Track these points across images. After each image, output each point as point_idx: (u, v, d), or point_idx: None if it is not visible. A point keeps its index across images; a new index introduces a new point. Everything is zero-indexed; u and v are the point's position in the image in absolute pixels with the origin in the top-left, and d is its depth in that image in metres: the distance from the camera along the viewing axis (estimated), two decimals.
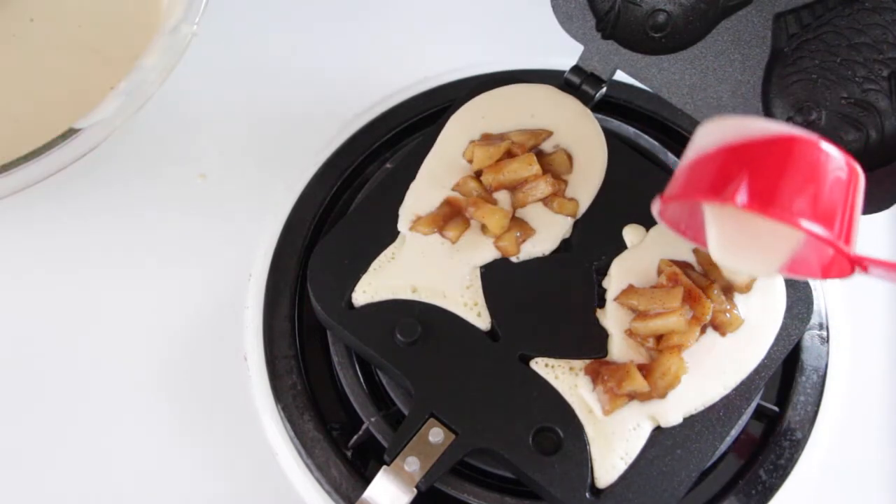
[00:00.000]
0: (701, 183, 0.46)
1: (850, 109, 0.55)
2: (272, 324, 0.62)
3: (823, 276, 0.50)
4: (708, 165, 0.45)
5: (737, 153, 0.45)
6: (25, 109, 0.66)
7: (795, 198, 0.44)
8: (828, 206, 0.44)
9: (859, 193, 0.46)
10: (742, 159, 0.44)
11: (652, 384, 0.53)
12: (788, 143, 0.44)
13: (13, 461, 0.60)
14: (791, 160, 0.44)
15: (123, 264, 0.66)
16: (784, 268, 0.49)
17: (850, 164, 0.45)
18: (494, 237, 0.57)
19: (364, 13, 0.76)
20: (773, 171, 0.44)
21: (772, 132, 0.45)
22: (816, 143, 0.44)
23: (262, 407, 0.60)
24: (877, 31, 0.53)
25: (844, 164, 0.45)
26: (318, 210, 0.65)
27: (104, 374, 0.62)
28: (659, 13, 0.59)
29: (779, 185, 0.44)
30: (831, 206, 0.44)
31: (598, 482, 0.52)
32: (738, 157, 0.45)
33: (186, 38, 0.63)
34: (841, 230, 0.44)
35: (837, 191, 0.44)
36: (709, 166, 0.45)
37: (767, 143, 0.44)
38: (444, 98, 0.68)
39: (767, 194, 0.43)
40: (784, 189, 0.44)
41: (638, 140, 0.66)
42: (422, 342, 0.55)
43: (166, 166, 0.69)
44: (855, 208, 0.45)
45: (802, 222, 0.43)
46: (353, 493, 0.57)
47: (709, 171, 0.45)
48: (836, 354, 0.62)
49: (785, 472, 0.58)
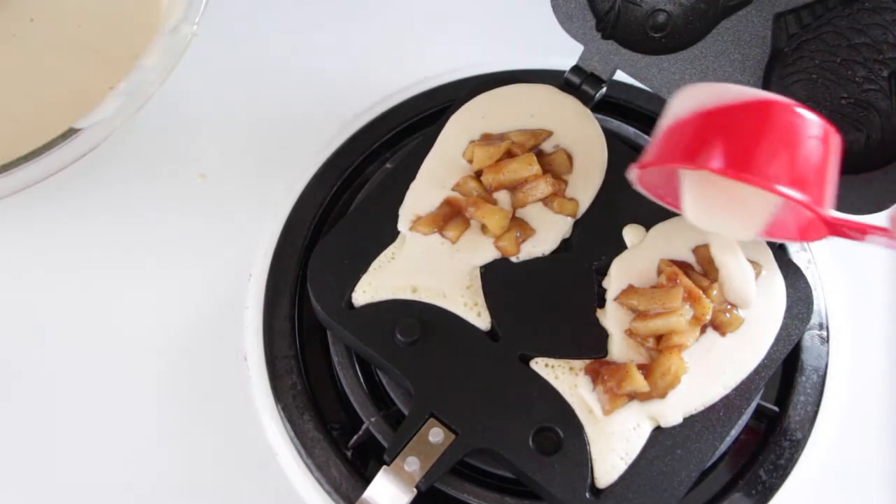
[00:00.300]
0: (676, 149, 0.45)
1: (850, 109, 0.55)
2: (272, 324, 0.62)
3: (801, 238, 0.50)
4: (683, 131, 0.45)
5: (712, 118, 0.45)
6: (25, 109, 0.66)
7: (771, 162, 0.44)
8: (804, 170, 0.44)
9: (835, 156, 0.45)
10: (717, 124, 0.44)
11: (652, 384, 0.53)
12: (764, 107, 0.44)
13: (13, 461, 0.60)
14: (766, 124, 0.44)
15: (123, 264, 0.66)
16: (762, 230, 0.49)
17: (825, 127, 0.45)
18: (494, 237, 0.57)
19: (364, 13, 0.76)
20: (748, 136, 0.44)
21: (747, 97, 0.44)
22: (791, 106, 0.44)
23: (262, 407, 0.60)
24: (877, 31, 0.53)
25: (820, 126, 0.44)
26: (318, 210, 0.65)
27: (104, 373, 0.62)
28: (659, 13, 0.59)
29: (754, 149, 0.44)
30: (807, 170, 0.44)
31: (598, 482, 0.52)
32: (713, 123, 0.45)
33: (186, 38, 0.63)
34: (817, 193, 0.44)
35: (813, 154, 0.44)
36: (684, 132, 0.45)
37: (743, 108, 0.44)
38: (444, 98, 0.69)
39: (743, 159, 0.43)
40: (760, 153, 0.44)
41: (638, 140, 0.66)
42: (422, 342, 0.55)
43: (166, 166, 0.69)
44: (829, 170, 0.45)
45: (778, 187, 0.43)
46: (353, 493, 0.57)
47: (684, 136, 0.45)
48: (836, 354, 0.62)
49: (785, 472, 0.58)
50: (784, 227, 0.50)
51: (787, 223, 0.50)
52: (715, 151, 0.44)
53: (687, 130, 0.45)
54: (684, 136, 0.45)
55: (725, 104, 0.45)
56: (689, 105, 0.46)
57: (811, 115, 0.44)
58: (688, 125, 0.45)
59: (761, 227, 0.49)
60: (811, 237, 0.49)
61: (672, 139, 0.46)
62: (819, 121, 0.44)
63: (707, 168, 0.44)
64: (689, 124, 0.45)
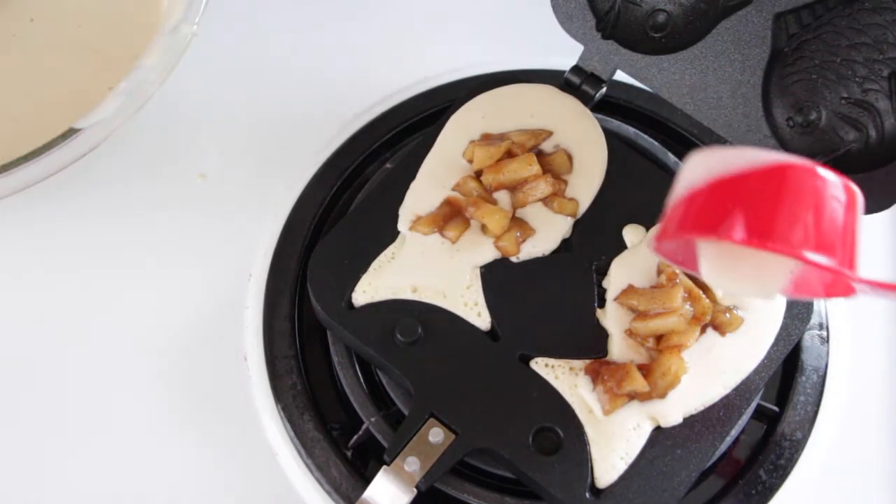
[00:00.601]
0: (696, 220, 0.44)
1: (850, 109, 0.55)
2: (272, 324, 0.62)
3: (827, 295, 0.49)
4: (700, 201, 0.44)
5: (728, 186, 0.43)
6: (25, 109, 0.66)
7: (793, 228, 0.42)
8: (828, 233, 0.43)
9: (859, 214, 0.44)
10: (734, 193, 0.43)
11: (652, 384, 0.53)
12: (781, 172, 0.43)
13: (13, 461, 0.60)
14: (785, 189, 0.43)
15: (123, 264, 0.66)
16: (785, 291, 0.49)
17: (846, 185, 0.44)
18: (494, 237, 0.57)
19: (364, 13, 0.76)
20: (767, 203, 0.43)
21: (762, 162, 0.43)
22: (810, 169, 0.43)
23: (262, 407, 0.60)
24: (877, 31, 0.53)
25: (841, 186, 0.43)
26: (318, 210, 0.65)
27: (104, 373, 0.62)
28: (659, 13, 0.59)
29: (775, 216, 0.42)
30: (831, 232, 0.43)
31: (598, 482, 0.52)
32: (730, 191, 0.43)
33: (186, 38, 0.62)
34: (843, 255, 0.43)
35: (836, 215, 0.43)
36: (701, 202, 0.44)
37: (759, 174, 0.43)
38: (444, 98, 0.68)
39: (764, 227, 0.42)
40: (781, 220, 0.42)
41: (638, 140, 0.66)
42: (422, 342, 0.55)
43: (166, 166, 0.69)
44: (855, 230, 0.44)
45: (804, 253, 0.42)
46: (353, 493, 0.57)
47: (702, 207, 0.44)
48: (836, 354, 0.62)
49: (785, 472, 0.58)
50: (809, 285, 0.49)
51: (811, 281, 0.49)
52: (736, 221, 0.42)
53: (704, 199, 0.44)
54: (702, 206, 0.44)
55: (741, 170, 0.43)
56: (703, 172, 0.44)
57: (831, 175, 0.43)
58: (704, 194, 0.44)
59: (784, 287, 0.48)
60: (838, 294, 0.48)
61: (689, 209, 0.45)
62: (839, 180, 0.43)
63: (730, 239, 0.42)
64: (706, 193, 0.44)
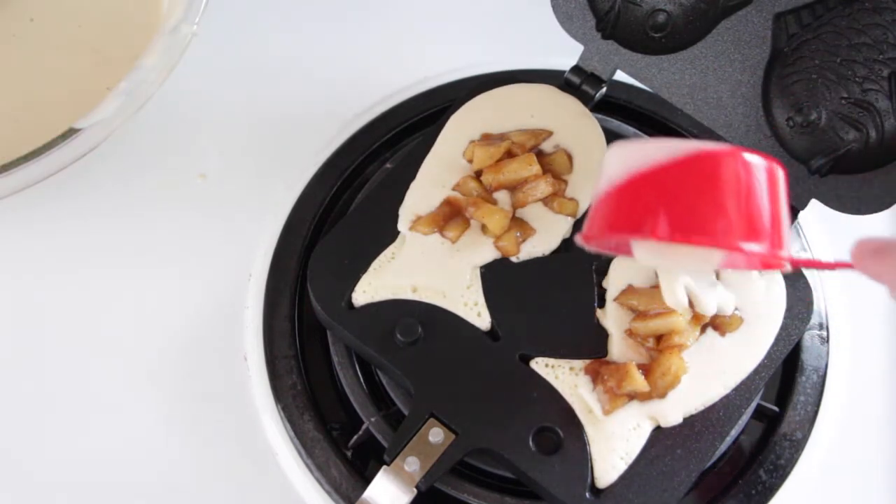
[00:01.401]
0: (619, 219, 0.43)
1: (850, 109, 0.55)
2: (272, 324, 0.62)
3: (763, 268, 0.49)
4: (622, 198, 0.43)
5: (649, 180, 0.43)
6: (25, 109, 0.66)
7: (717, 218, 0.42)
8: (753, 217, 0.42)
9: (782, 190, 0.43)
10: (656, 187, 0.42)
11: (652, 384, 0.53)
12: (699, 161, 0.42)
13: (13, 461, 0.60)
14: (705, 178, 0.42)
15: (123, 264, 0.66)
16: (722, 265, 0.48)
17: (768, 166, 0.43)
18: (494, 237, 0.57)
19: (364, 13, 0.76)
20: (689, 195, 0.42)
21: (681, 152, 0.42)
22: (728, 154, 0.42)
23: (262, 407, 0.60)
24: (877, 31, 0.53)
25: (763, 167, 0.42)
26: (318, 210, 0.65)
27: (104, 373, 0.62)
28: (659, 13, 0.59)
29: (697, 208, 0.42)
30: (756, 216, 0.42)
31: (598, 482, 0.52)
32: (651, 185, 0.43)
33: (186, 38, 0.63)
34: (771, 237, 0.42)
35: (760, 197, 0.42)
36: (624, 199, 0.43)
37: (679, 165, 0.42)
38: (444, 98, 0.68)
39: (687, 221, 0.42)
40: (703, 211, 0.42)
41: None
42: (422, 342, 0.55)
43: (166, 166, 0.69)
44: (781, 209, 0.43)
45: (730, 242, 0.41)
46: (353, 493, 0.57)
47: (624, 205, 0.43)
48: (836, 354, 0.62)
49: (785, 472, 0.58)
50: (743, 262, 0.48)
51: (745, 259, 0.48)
52: (658, 218, 0.41)
53: (626, 196, 0.43)
54: (624, 204, 0.43)
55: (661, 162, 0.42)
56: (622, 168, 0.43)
57: (752, 157, 0.42)
58: (625, 190, 0.43)
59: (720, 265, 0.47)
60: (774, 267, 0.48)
61: (611, 207, 0.44)
62: (761, 161, 0.42)
63: (654, 237, 0.42)
64: (627, 189, 0.43)
